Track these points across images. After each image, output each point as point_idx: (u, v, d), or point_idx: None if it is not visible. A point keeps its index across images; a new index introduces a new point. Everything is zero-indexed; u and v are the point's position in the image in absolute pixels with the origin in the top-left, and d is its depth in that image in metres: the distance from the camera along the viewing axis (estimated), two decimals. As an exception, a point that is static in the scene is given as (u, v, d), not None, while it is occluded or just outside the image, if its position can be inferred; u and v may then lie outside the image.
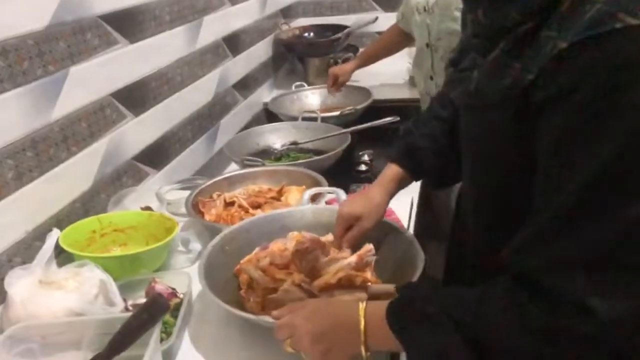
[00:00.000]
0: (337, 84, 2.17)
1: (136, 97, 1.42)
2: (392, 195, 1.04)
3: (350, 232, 1.03)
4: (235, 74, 2.02)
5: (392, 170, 1.04)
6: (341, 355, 0.77)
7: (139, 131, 1.43)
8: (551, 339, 0.59)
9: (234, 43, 1.99)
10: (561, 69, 0.58)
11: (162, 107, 1.53)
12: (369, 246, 1.04)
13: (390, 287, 0.96)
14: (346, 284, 0.94)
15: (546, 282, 0.59)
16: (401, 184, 1.04)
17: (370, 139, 1.73)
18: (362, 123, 1.72)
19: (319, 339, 0.76)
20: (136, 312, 0.84)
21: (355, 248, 1.03)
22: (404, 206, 1.41)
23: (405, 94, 2.21)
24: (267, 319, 0.86)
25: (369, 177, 1.60)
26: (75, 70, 1.20)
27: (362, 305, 0.76)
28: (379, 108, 1.92)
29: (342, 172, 1.58)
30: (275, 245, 1.08)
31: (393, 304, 0.74)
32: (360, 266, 1.01)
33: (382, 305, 0.76)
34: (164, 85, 1.55)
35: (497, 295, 0.64)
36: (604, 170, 0.56)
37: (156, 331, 0.83)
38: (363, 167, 1.68)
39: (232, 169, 1.75)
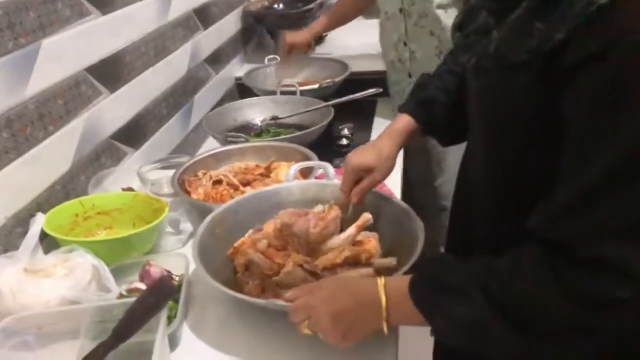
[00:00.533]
0: (291, 54, 2.09)
1: (111, 72, 1.34)
2: (401, 147, 1.01)
3: (360, 184, 1.00)
4: (207, 48, 1.95)
5: (403, 121, 1.00)
6: (362, 333, 0.75)
7: (115, 108, 1.36)
8: (590, 304, 0.58)
9: (204, 15, 1.91)
10: (597, 28, 0.56)
11: (137, 82, 1.46)
12: (367, 216, 1.02)
13: (391, 261, 0.95)
14: (352, 262, 0.92)
15: (582, 251, 0.58)
16: (411, 137, 1.01)
17: (349, 113, 1.70)
18: (340, 96, 1.69)
19: (340, 319, 0.74)
20: (141, 296, 0.80)
21: (361, 202, 1.00)
22: (394, 177, 1.40)
23: (381, 65, 2.18)
24: (278, 302, 0.83)
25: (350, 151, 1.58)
26: (47, 43, 1.12)
27: (381, 282, 0.75)
28: (356, 80, 1.88)
29: (323, 147, 1.54)
30: (269, 227, 1.04)
31: (415, 278, 0.73)
32: (360, 239, 1.00)
33: (402, 280, 0.74)
34: (137, 60, 1.47)
35: (530, 262, 0.63)
36: None
37: (163, 315, 0.79)
38: (344, 142, 1.66)
39: (210, 145, 1.70)
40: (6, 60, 1.01)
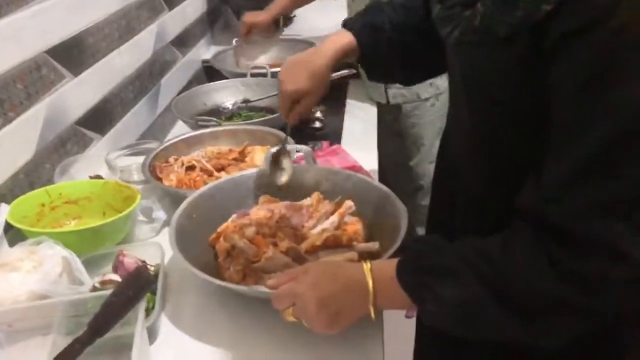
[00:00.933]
0: (250, 34, 2.04)
1: (73, 54, 1.28)
2: (335, 65, 0.97)
3: (297, 109, 0.99)
4: (173, 30, 1.89)
5: (344, 39, 0.95)
6: (349, 318, 0.74)
7: (79, 93, 1.29)
8: (583, 285, 0.58)
9: (169, -5, 1.85)
10: None
11: (102, 65, 1.40)
12: (349, 203, 1.00)
13: (374, 245, 0.93)
14: (332, 244, 0.90)
15: (576, 229, 0.57)
16: (346, 57, 0.97)
17: (320, 95, 1.67)
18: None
19: (326, 304, 0.72)
20: (117, 289, 0.76)
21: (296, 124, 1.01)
22: (370, 159, 1.39)
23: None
24: (260, 288, 0.81)
25: (325, 135, 1.56)
26: (4, 24, 1.05)
27: (366, 266, 0.73)
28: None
29: (295, 130, 1.52)
30: (257, 213, 1.02)
31: (403, 261, 0.71)
32: (343, 225, 0.98)
33: (388, 263, 0.73)
34: (101, 42, 1.40)
35: (521, 242, 0.62)
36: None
37: (141, 308, 0.76)
38: (317, 124, 1.63)
39: (179, 130, 1.64)
40: (-39, 42, 0.95)
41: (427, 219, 1.00)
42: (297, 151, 1.22)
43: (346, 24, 0.98)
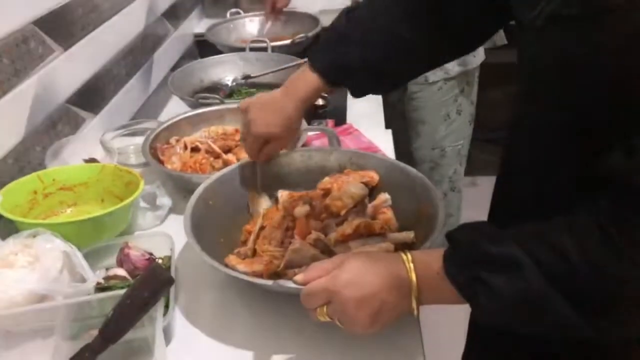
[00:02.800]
0: (276, 9, 1.97)
1: (62, 26, 1.17)
2: (305, 109, 0.93)
3: (266, 150, 0.94)
4: (164, 1, 1.77)
5: (311, 82, 0.90)
6: (390, 316, 0.66)
7: (70, 68, 1.19)
8: None
9: (160, -37, 1.73)
10: None
11: (92, 39, 1.28)
12: (385, 196, 0.93)
13: (408, 235, 0.86)
14: (364, 232, 0.83)
15: None
16: (317, 96, 0.94)
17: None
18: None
19: (366, 302, 0.64)
20: (132, 289, 0.68)
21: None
22: (385, 139, 1.31)
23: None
24: (287, 283, 0.73)
25: (328, 113, 1.47)
26: (-13, -8, 0.94)
27: (407, 257, 0.66)
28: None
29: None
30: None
31: (450, 253, 0.64)
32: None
33: (432, 255, 0.65)
34: (90, 13, 1.29)
35: (593, 230, 0.55)
36: None
37: (160, 310, 0.68)
38: (320, 102, 1.54)
39: (173, 108, 1.55)
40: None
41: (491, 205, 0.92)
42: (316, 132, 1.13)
43: (310, 59, 0.91)
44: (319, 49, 0.92)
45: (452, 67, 1.71)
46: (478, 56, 1.77)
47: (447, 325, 1.01)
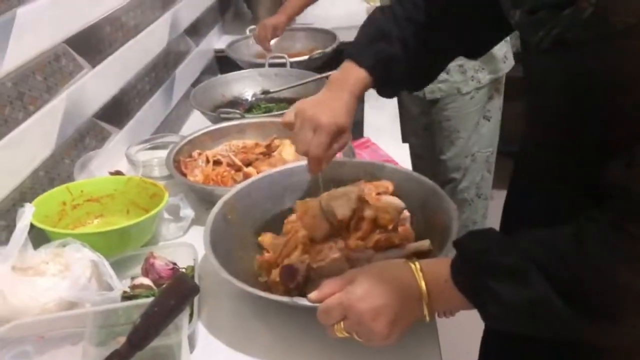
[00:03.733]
0: (269, 39, 1.93)
1: (91, 44, 1.21)
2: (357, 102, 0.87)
3: (333, 148, 0.82)
4: (186, 18, 1.82)
5: (358, 74, 0.85)
6: (404, 325, 0.69)
7: (97, 84, 1.23)
8: None
9: (182, -18, 1.78)
10: None
11: (119, 56, 1.33)
12: (404, 214, 0.94)
13: (424, 244, 0.88)
14: (383, 245, 0.85)
15: None
16: (364, 91, 0.88)
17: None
18: (331, 67, 1.60)
19: (381, 313, 0.67)
20: (159, 297, 0.71)
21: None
22: (402, 153, 1.33)
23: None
24: (302, 301, 0.75)
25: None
26: (22, 13, 0.99)
27: (415, 266, 0.68)
28: (343, 51, 1.79)
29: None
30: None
31: (458, 261, 0.66)
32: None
33: (440, 263, 0.68)
34: (118, 31, 1.34)
35: (596, 236, 0.57)
36: None
37: (185, 318, 0.71)
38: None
39: (194, 122, 1.59)
40: (-22, 31, 0.89)
41: (503, 211, 0.94)
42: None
43: (357, 59, 0.87)
44: (362, 46, 0.88)
45: (484, 76, 1.74)
46: (508, 62, 1.79)
47: (463, 331, 1.02)
